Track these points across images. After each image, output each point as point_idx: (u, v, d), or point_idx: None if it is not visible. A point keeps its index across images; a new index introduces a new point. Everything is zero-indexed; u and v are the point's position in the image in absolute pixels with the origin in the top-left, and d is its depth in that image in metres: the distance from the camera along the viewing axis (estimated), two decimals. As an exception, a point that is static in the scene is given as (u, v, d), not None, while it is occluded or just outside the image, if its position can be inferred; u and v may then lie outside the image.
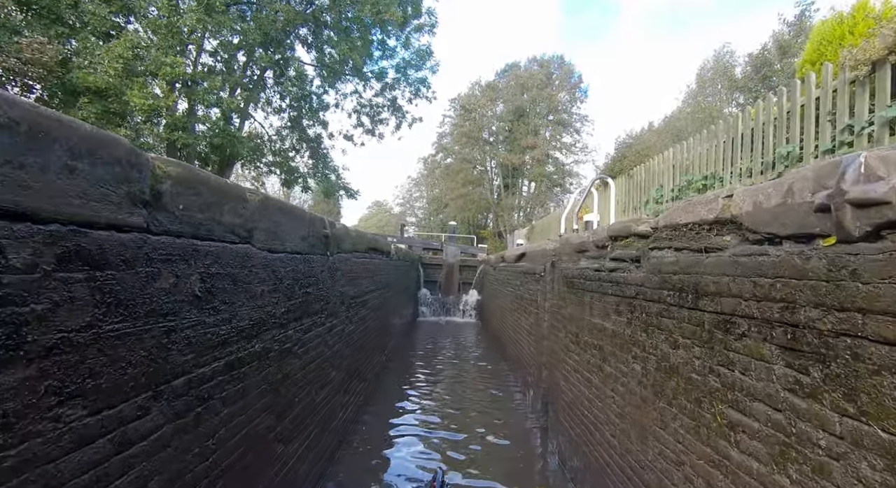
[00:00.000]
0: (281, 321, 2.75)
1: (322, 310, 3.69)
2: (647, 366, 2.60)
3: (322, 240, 3.64)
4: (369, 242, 5.99)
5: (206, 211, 1.86)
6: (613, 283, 3.21)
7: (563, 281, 4.66)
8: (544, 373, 5.33)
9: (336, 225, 4.22)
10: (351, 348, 4.81)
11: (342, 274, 4.45)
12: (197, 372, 1.78)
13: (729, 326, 1.86)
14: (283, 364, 2.80)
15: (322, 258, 3.69)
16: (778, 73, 22.50)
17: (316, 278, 3.53)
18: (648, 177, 6.01)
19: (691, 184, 4.76)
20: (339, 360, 4.32)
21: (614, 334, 3.15)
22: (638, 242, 2.86)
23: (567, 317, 4.46)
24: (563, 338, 4.60)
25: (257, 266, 2.40)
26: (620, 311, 3.07)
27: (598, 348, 3.47)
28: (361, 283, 5.49)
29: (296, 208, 3.04)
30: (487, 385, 7.19)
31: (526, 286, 7.02)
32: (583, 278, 3.96)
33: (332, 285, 4.01)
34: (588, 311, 3.79)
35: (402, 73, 18.27)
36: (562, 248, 4.89)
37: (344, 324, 4.49)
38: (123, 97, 8.99)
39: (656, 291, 2.52)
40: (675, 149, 5.30)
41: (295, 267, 3.01)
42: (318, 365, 3.57)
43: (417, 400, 6.31)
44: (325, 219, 3.76)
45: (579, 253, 4.19)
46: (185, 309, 1.72)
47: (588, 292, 3.82)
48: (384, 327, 7.45)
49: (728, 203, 1.89)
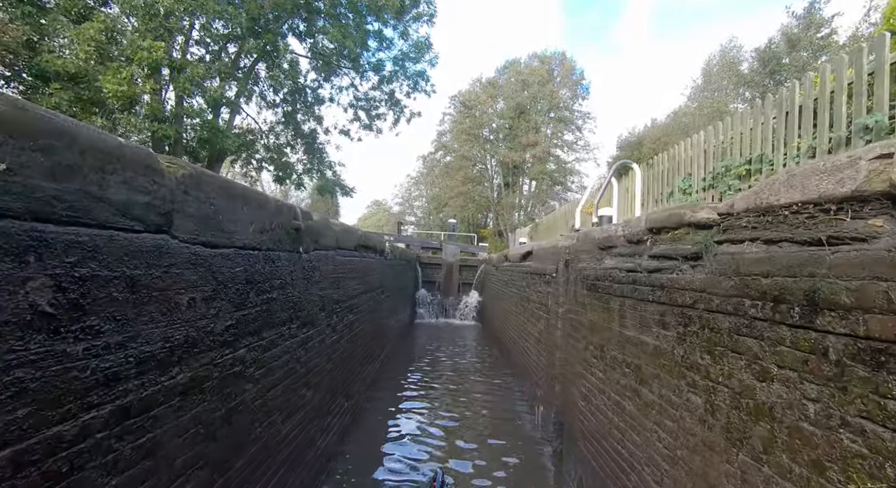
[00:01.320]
0: (225, 338, 2.08)
1: (292, 319, 3.02)
2: (713, 400, 1.93)
3: (291, 234, 2.97)
4: (359, 239, 5.32)
5: (65, 178, 1.19)
6: (655, 287, 2.54)
7: (582, 283, 3.99)
8: (557, 388, 4.66)
9: (313, 216, 3.55)
10: (334, 362, 4.14)
11: (322, 274, 3.77)
12: (38, 436, 1.11)
13: (884, 360, 1.19)
14: (230, 394, 2.12)
15: (292, 256, 3.02)
16: (787, 67, 21.88)
17: (283, 280, 2.86)
18: (673, 165, 5.34)
19: (730, 170, 4.08)
20: (318, 377, 3.64)
21: (658, 352, 2.48)
22: (695, 234, 2.19)
23: (587, 326, 3.79)
24: (581, 350, 3.93)
25: (181, 265, 1.72)
26: (667, 323, 2.40)
27: (634, 367, 2.80)
28: (348, 285, 4.82)
29: (251, 190, 2.37)
30: (490, 398, 6.52)
31: (533, 288, 6.35)
32: (609, 280, 3.29)
33: (307, 288, 3.34)
34: (617, 321, 3.12)
35: (399, 66, 17.60)
36: (579, 245, 4.22)
37: (324, 333, 3.81)
38: (96, 83, 8.30)
39: (729, 299, 1.85)
40: (706, 133, 4.62)
41: (249, 266, 2.34)
42: (286, 387, 2.89)
43: (414, 418, 5.63)
44: (297, 209, 3.09)
45: (603, 250, 3.52)
46: (15, 335, 1.05)
47: (616, 297, 3.15)
48: (377, 333, 6.78)
49: (882, 168, 1.22)
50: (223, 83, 11.03)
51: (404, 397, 6.37)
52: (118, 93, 8.06)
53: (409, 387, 6.86)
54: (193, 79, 9.13)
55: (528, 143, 29.46)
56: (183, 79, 9.14)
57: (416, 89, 18.30)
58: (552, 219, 12.77)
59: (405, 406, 6.02)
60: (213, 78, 10.85)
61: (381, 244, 7.31)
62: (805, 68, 19.74)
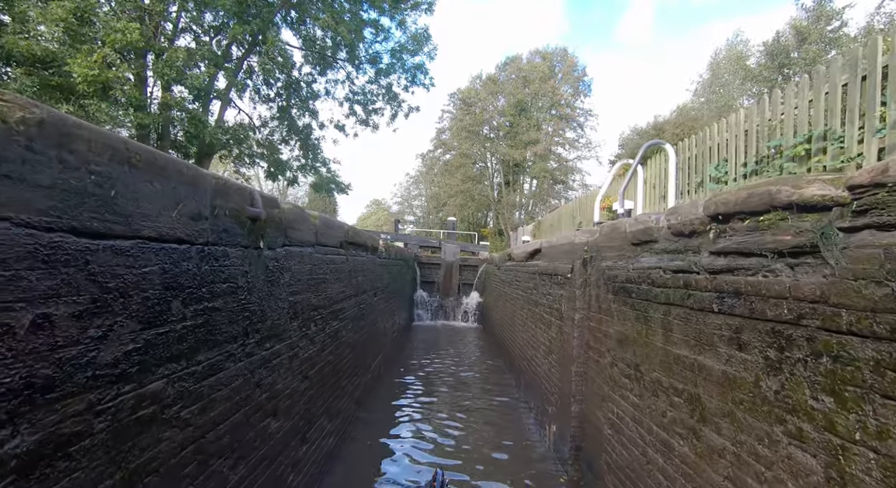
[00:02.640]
0: (121, 370, 1.43)
1: (248, 334, 2.37)
2: (843, 467, 1.29)
3: (246, 225, 2.32)
4: (345, 234, 4.67)
5: None
6: (724, 294, 1.90)
7: (607, 285, 3.34)
8: (574, 408, 4.01)
9: (282, 205, 2.90)
10: (312, 379, 3.48)
11: (295, 276, 3.12)
12: None
13: None
14: (131, 450, 1.47)
15: (248, 253, 2.36)
16: (797, 61, 21.23)
17: (234, 284, 2.20)
18: (702, 150, 4.68)
19: (782, 152, 3.44)
20: (289, 401, 2.99)
21: (730, 381, 1.84)
22: (797, 220, 1.54)
23: (615, 338, 3.14)
24: (607, 367, 3.28)
25: (15, 262, 1.07)
26: (746, 344, 1.75)
27: (688, 397, 2.15)
28: (332, 288, 4.17)
29: (170, 159, 1.71)
30: (493, 414, 5.87)
31: (542, 290, 5.70)
32: (647, 282, 2.65)
33: (271, 293, 2.68)
34: (660, 334, 2.47)
35: (397, 58, 16.94)
36: (602, 241, 3.57)
37: (297, 347, 3.16)
38: (65, 67, 7.64)
39: (878, 317, 1.20)
40: (748, 111, 3.97)
41: (171, 266, 1.69)
42: (238, 422, 2.24)
43: (408, 440, 4.98)
44: (256, 192, 2.44)
45: (637, 245, 2.87)
46: None
47: (658, 304, 2.50)
48: (369, 340, 6.13)
49: None
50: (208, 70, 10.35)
51: (400, 412, 5.72)
52: (88, 77, 7.40)
53: (405, 399, 6.21)
54: (172, 64, 8.47)
55: (529, 141, 28.83)
56: (161, 64, 8.47)
57: (415, 83, 17.66)
58: (557, 216, 12.13)
59: (401, 419, 5.37)
60: (197, 65, 10.18)
61: (374, 241, 6.66)
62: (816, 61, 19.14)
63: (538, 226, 14.15)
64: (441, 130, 33.28)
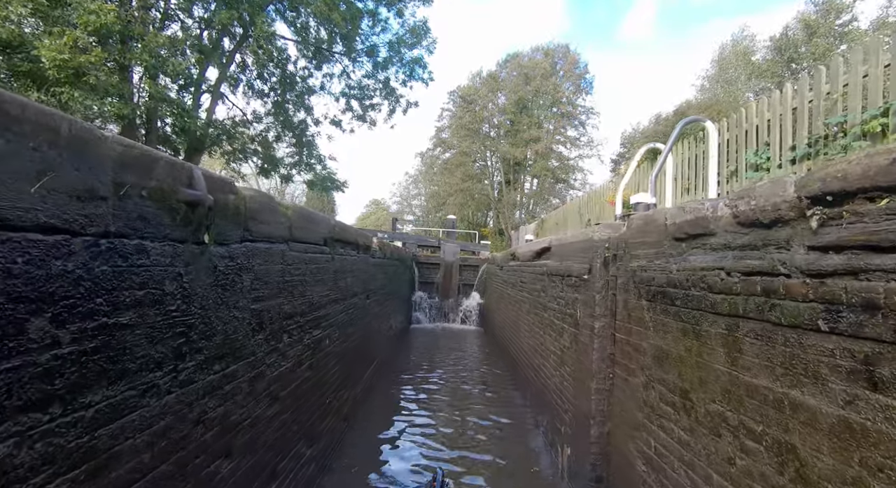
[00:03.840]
0: None
1: (183, 355, 1.80)
2: None
3: (174, 211, 1.74)
4: (330, 230, 4.09)
5: None
6: (839, 307, 1.33)
7: (641, 290, 2.77)
8: (594, 432, 3.44)
9: (241, 190, 2.33)
10: (284, 401, 2.91)
11: (260, 278, 2.55)
12: None
13: None
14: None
15: (181, 249, 1.79)
16: (805, 55, 20.68)
17: (159, 291, 1.63)
18: (736, 134, 4.11)
19: (847, 130, 2.87)
20: (250, 433, 2.42)
21: (854, 433, 1.27)
22: None
23: (652, 354, 2.58)
24: (640, 388, 2.72)
25: None
26: (888, 383, 1.18)
27: (774, 445, 1.58)
28: (312, 291, 3.60)
29: (18, 100, 1.14)
30: (495, 431, 5.30)
31: (551, 293, 5.14)
32: (701, 287, 2.08)
33: (222, 300, 2.11)
34: (722, 355, 1.90)
35: (395, 51, 16.37)
36: (631, 236, 3.00)
37: (263, 364, 2.59)
38: (34, 52, 7.06)
39: None
40: (800, 84, 3.40)
41: (22, 266, 1.12)
42: (165, 475, 1.67)
43: (401, 461, 4.41)
44: (194, 169, 1.86)
45: (682, 240, 2.30)
46: None
47: (720, 316, 1.93)
48: (361, 348, 5.56)
49: None
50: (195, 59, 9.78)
51: (393, 428, 5.15)
52: (57, 61, 6.82)
53: (400, 415, 5.64)
54: (151, 49, 7.88)
55: (530, 139, 28.26)
56: (140, 49, 7.89)
57: (413, 77, 17.10)
58: (562, 213, 11.56)
59: (394, 435, 4.80)
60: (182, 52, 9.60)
61: (366, 239, 6.09)
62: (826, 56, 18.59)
63: (541, 225, 13.58)
64: (440, 129, 32.71)
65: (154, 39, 7.93)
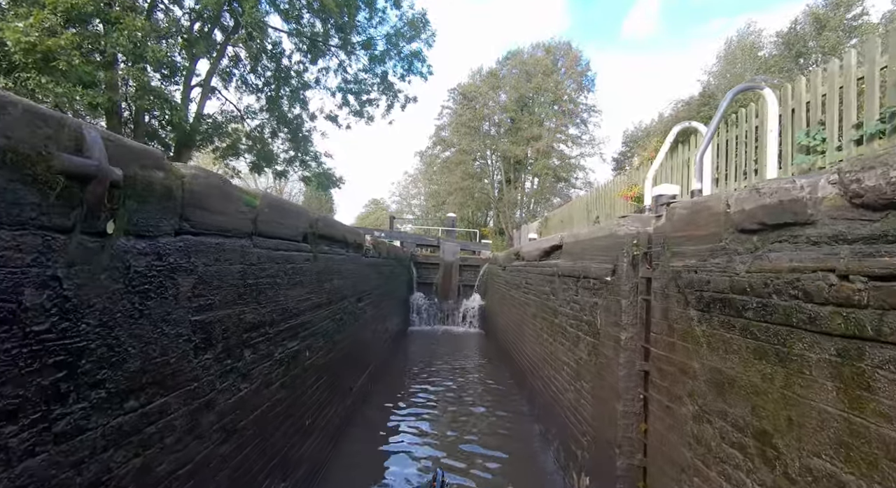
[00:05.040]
0: None
1: (59, 396, 1.24)
2: None
3: (46, 186, 1.19)
4: (310, 225, 3.54)
5: None
6: None
7: (688, 296, 2.22)
8: (621, 463, 2.88)
9: (169, 165, 1.78)
10: (243, 434, 2.35)
11: (204, 281, 2.00)
12: None
13: None
14: None
15: (61, 242, 1.24)
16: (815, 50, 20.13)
17: (11, 307, 1.08)
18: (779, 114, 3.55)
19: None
20: (194, 481, 1.86)
21: None
22: None
23: (706, 379, 2.02)
24: (688, 420, 2.16)
25: None
26: None
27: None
28: (286, 295, 3.04)
29: None
30: (508, 457, 4.75)
31: (564, 296, 4.58)
32: (790, 295, 1.52)
33: (139, 311, 1.56)
34: (832, 391, 1.35)
35: (392, 44, 15.82)
36: (672, 229, 2.45)
37: (207, 394, 2.03)
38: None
39: None
40: (869, 48, 2.84)
41: None
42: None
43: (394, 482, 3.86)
44: (88, 131, 1.31)
45: (756, 232, 1.75)
46: None
47: (825, 336, 1.38)
48: (350, 357, 5.00)
49: None
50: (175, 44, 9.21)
51: (386, 446, 4.60)
52: (23, 44, 6.27)
53: (394, 429, 5.08)
54: (129, 33, 7.32)
55: (531, 137, 27.71)
56: (117, 34, 7.32)
57: (411, 71, 16.53)
58: (567, 211, 11.00)
59: (385, 458, 4.25)
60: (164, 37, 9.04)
61: (357, 237, 5.54)
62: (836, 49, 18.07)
63: (545, 223, 13.03)
64: (440, 127, 32.14)
65: (132, 23, 7.36)
